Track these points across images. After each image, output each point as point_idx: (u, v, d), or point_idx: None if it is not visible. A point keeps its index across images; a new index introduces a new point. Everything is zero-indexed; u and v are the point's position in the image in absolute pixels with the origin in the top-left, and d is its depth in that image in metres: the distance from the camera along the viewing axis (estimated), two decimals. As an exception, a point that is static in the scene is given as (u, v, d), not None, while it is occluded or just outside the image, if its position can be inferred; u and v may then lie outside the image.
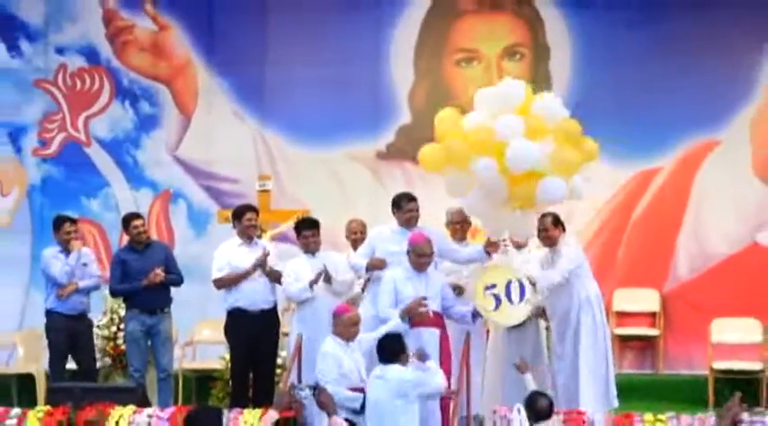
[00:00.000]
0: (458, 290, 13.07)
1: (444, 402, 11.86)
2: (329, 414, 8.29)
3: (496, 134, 12.24)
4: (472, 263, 13.04)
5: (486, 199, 12.71)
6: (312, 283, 13.16)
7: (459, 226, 13.57)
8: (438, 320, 12.20)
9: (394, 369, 10.75)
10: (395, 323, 11.54)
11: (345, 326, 11.56)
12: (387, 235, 13.17)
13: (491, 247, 12.66)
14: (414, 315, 11.83)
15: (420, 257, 12.30)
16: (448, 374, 11.74)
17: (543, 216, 13.37)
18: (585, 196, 15.68)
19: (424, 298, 11.85)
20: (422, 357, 11.04)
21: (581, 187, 12.90)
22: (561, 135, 12.58)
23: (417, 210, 13.11)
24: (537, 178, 12.24)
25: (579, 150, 12.76)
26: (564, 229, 13.55)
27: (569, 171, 12.48)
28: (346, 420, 8.43)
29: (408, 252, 12.35)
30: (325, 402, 8.53)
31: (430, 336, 11.98)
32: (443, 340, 12.09)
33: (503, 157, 12.16)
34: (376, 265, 12.94)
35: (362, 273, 13.28)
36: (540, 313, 13.31)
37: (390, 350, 10.90)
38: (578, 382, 13.17)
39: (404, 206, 13.14)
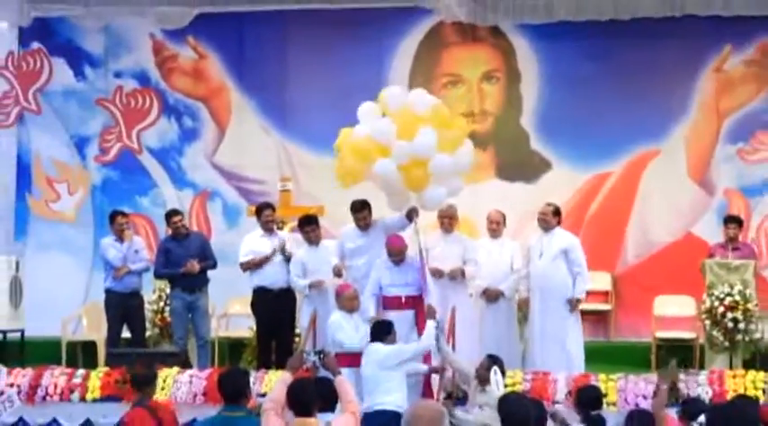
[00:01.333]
0: (438, 274, 13.02)
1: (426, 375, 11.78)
2: (334, 375, 8.21)
3: (375, 140, 12.52)
4: (403, 229, 13.02)
5: (391, 194, 12.93)
6: (311, 286, 13.35)
7: (447, 219, 13.51)
8: (413, 302, 12.14)
9: (373, 348, 10.82)
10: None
11: (348, 300, 11.83)
12: (348, 233, 13.32)
13: (411, 213, 12.67)
14: None
15: (390, 255, 12.49)
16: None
17: (548, 204, 13.81)
18: (550, 197, 15.72)
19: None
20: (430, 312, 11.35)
21: (466, 161, 13.03)
22: (436, 119, 12.64)
23: (365, 218, 13.29)
24: (425, 162, 12.37)
25: (455, 128, 12.94)
26: (560, 220, 13.79)
27: (452, 146, 12.61)
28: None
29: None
30: (329, 364, 8.46)
31: (403, 318, 11.99)
32: (419, 320, 11.90)
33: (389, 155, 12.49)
34: (335, 273, 13.10)
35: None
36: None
37: (377, 332, 11.02)
38: (569, 348, 13.36)
39: (353, 214, 13.40)
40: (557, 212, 13.77)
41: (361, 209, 13.35)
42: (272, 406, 7.71)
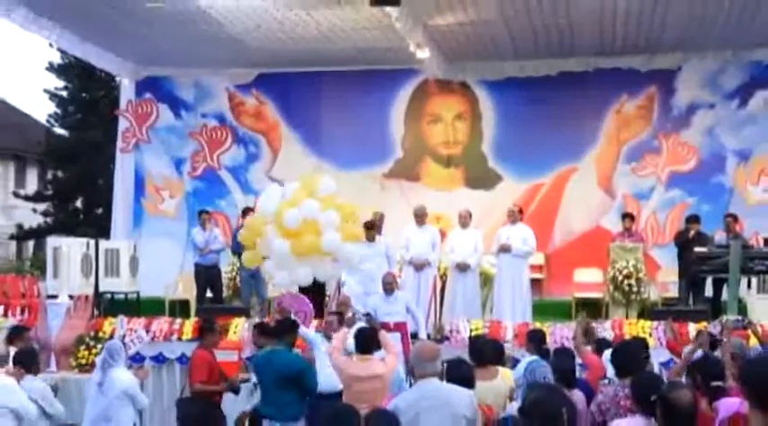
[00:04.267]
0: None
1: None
2: (376, 331, 8.16)
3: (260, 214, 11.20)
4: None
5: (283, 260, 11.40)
6: None
7: (420, 218, 13.53)
8: (401, 326, 10.80)
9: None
10: None
11: (387, 284, 11.28)
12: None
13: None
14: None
15: (384, 285, 11.44)
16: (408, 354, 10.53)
17: (514, 205, 14.29)
18: (503, 200, 15.67)
19: None
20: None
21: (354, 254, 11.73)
22: (327, 202, 11.52)
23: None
24: (313, 230, 11.09)
25: (344, 213, 11.67)
26: (522, 217, 14.08)
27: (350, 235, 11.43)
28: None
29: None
30: (372, 323, 8.37)
31: (394, 337, 9.99)
32: (404, 340, 10.55)
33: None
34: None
35: None
36: None
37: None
38: (525, 301, 13.55)
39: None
40: (521, 211, 14.12)
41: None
42: (335, 349, 7.73)
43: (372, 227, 13.10)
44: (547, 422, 4.62)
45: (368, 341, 7.70)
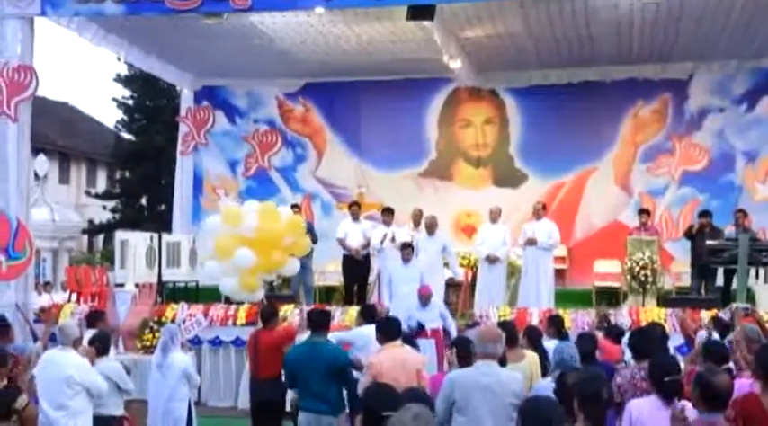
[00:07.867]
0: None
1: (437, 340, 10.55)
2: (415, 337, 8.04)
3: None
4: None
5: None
6: (381, 242, 13.32)
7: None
8: (435, 333, 10.54)
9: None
10: None
11: (423, 297, 10.78)
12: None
13: None
14: None
15: (420, 296, 10.90)
16: (441, 358, 9.74)
17: (538, 202, 14.13)
18: (528, 199, 15.56)
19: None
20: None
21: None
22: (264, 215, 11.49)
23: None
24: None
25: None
26: (547, 213, 14.12)
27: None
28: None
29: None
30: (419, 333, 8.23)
31: (428, 343, 10.12)
32: (438, 346, 10.29)
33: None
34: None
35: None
36: None
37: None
38: (549, 290, 13.51)
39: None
40: (544, 207, 14.09)
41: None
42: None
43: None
44: (588, 401, 4.63)
45: (392, 328, 7.45)
